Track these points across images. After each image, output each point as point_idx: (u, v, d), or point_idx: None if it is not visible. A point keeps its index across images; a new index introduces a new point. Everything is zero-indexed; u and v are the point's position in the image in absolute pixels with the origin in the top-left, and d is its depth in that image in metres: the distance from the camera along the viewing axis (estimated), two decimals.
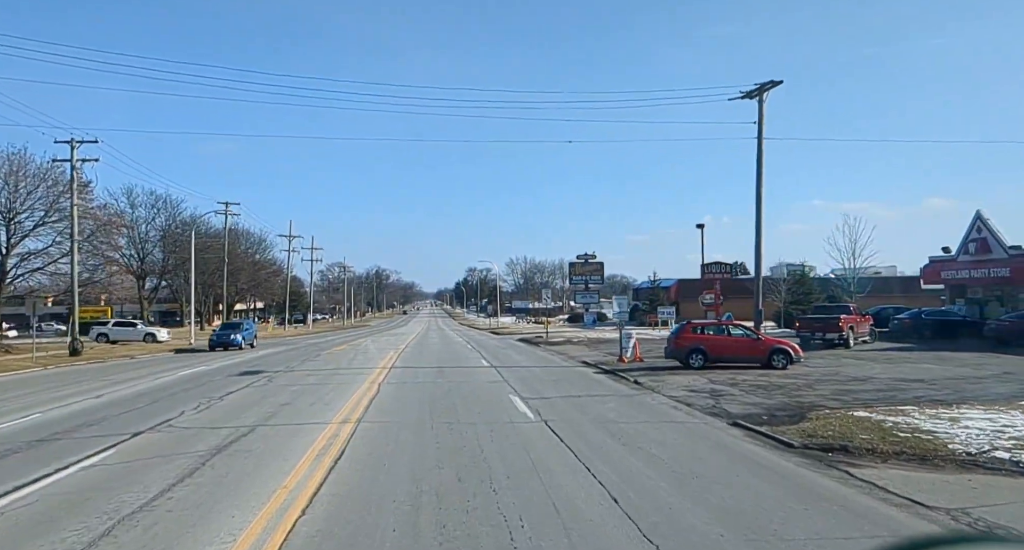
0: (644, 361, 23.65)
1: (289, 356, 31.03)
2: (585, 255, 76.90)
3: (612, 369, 21.64)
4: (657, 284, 56.97)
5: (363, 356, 29.80)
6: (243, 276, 78.73)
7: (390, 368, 23.45)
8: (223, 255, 70.28)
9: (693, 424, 12.34)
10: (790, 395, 15.37)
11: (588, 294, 76.51)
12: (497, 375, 20.98)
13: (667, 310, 44.09)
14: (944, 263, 33.34)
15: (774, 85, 23.37)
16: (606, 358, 26.04)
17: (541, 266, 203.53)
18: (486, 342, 43.18)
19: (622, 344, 23.48)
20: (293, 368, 24.34)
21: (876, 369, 19.96)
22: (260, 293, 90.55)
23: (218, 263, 72.32)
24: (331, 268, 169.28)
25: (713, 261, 46.38)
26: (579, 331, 55.46)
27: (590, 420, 12.67)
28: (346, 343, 42.93)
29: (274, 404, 15.05)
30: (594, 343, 36.18)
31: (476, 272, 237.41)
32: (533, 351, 33.04)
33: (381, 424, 12.31)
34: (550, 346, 35.50)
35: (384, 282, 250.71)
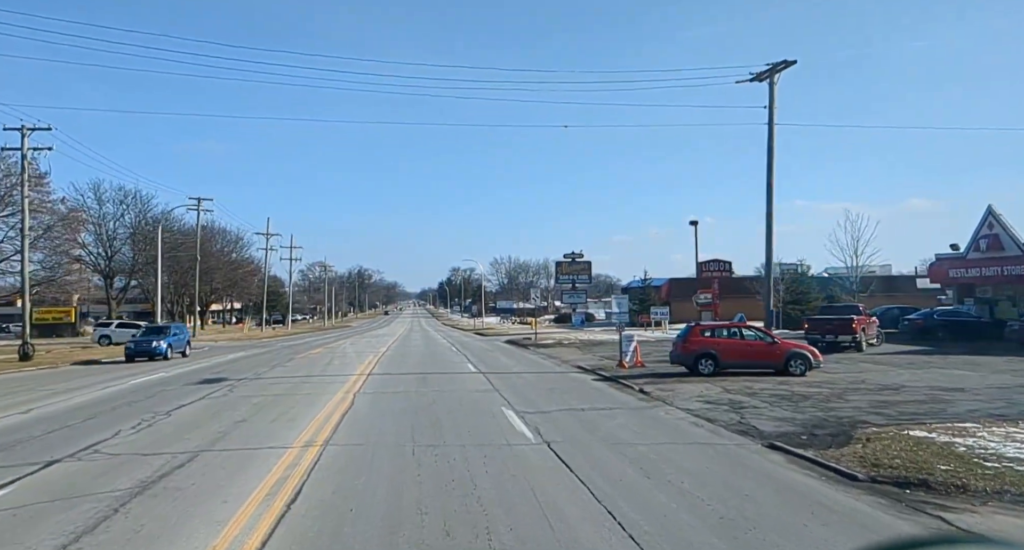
0: (646, 366, 21.78)
1: (260, 361, 28.78)
2: (572, 254, 75.09)
3: (612, 376, 19.73)
4: (648, 283, 55.37)
5: (340, 361, 27.65)
6: (218, 275, 75.96)
7: (368, 375, 21.35)
8: (196, 253, 67.62)
9: (722, 446, 10.43)
10: (822, 408, 13.53)
11: (575, 294, 74.65)
12: (486, 382, 18.99)
13: (661, 310, 42.37)
14: (952, 261, 31.84)
15: (787, 65, 21.51)
16: (603, 363, 24.14)
17: (526, 265, 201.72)
18: (472, 344, 41.17)
19: (622, 348, 21.58)
20: (261, 375, 22.16)
21: (904, 376, 18.23)
22: (236, 293, 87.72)
23: (191, 262, 69.62)
24: (312, 268, 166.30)
25: (711, 258, 44.70)
26: (568, 332, 53.60)
27: (600, 441, 10.72)
28: (323, 346, 40.69)
29: (229, 421, 12.93)
30: (587, 345, 34.28)
31: (460, 272, 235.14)
32: (523, 354, 31.06)
33: (352, 448, 10.28)
34: (540, 349, 33.55)
35: (367, 282, 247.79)
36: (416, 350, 34.99)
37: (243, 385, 19.00)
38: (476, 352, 32.64)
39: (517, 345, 37.71)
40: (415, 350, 35.00)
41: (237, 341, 53.97)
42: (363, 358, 28.56)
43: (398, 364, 25.68)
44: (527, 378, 20.26)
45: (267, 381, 20.07)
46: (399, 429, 11.87)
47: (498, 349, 35.57)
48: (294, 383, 19.44)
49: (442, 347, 37.66)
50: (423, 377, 20.62)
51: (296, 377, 21.15)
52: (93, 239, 60.14)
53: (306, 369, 24.03)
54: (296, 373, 22.53)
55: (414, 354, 31.60)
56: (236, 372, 23.22)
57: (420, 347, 38.34)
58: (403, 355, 30.68)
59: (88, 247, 59.61)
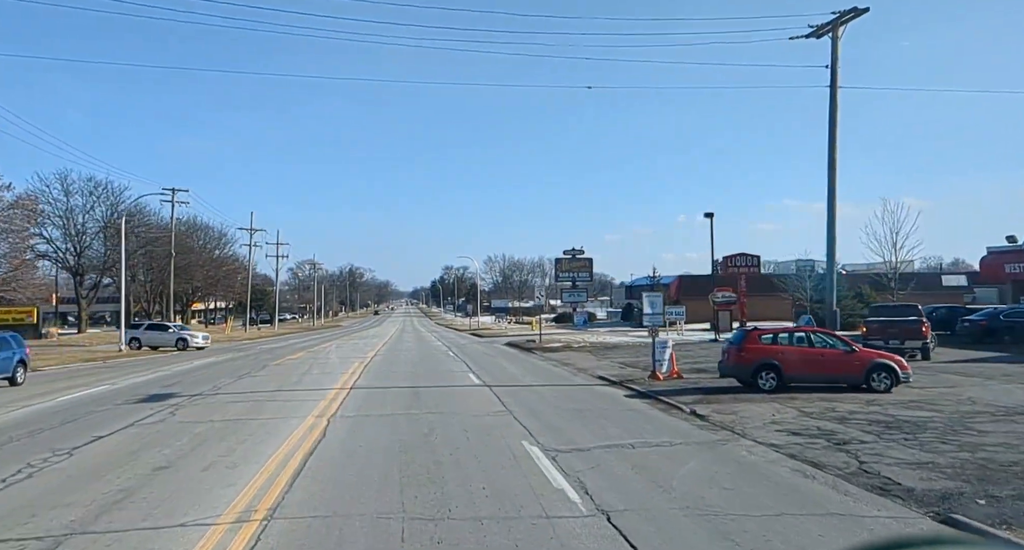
0: (685, 377, 18.26)
1: (228, 368, 25.06)
2: (572, 250, 71.55)
3: (648, 390, 16.18)
4: (657, 281, 51.83)
5: (319, 369, 23.98)
6: (199, 273, 72.03)
7: (350, 389, 17.71)
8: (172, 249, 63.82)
9: (872, 519, 6.89)
10: (956, 443, 10.03)
11: (576, 292, 71.13)
12: (495, 400, 15.40)
13: (676, 310, 38.83)
14: (1007, 255, 28.51)
15: (857, 14, 17.89)
16: (628, 372, 20.61)
17: (520, 264, 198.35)
18: (469, 347, 37.58)
19: (656, 355, 18.01)
20: (221, 388, 18.48)
21: (1018, 393, 14.75)
22: (219, 291, 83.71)
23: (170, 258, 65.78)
24: (301, 266, 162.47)
25: (737, 252, 41.10)
26: (573, 333, 50.08)
27: (683, 510, 7.13)
28: (306, 349, 36.99)
29: (146, 467, 9.28)
30: (599, 349, 30.73)
31: (453, 270, 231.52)
32: (530, 361, 27.45)
33: (307, 527, 6.66)
34: (548, 353, 30.00)
35: (358, 280, 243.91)
36: (408, 355, 31.37)
37: (193, 404, 15.31)
38: (476, 358, 29.03)
39: (521, 349, 34.10)
40: (407, 355, 31.39)
41: (218, 344, 50.17)
42: (347, 365, 24.88)
43: (387, 374, 22.05)
44: (544, 394, 16.67)
45: (225, 398, 16.40)
46: (383, 484, 8.24)
47: (500, 354, 31.98)
48: (257, 402, 15.77)
49: (437, 351, 34.05)
50: (416, 392, 17.00)
51: (262, 392, 17.47)
52: (61, 234, 56.14)
53: (278, 380, 20.35)
54: (264, 386, 18.84)
55: (406, 360, 27.94)
56: (194, 384, 19.54)
57: (413, 351, 34.74)
58: (393, 362, 27.00)
59: (55, 242, 55.66)
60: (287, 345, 43.37)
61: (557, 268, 78.18)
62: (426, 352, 33.36)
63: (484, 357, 29.48)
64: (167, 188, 51.49)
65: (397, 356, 30.30)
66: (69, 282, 60.95)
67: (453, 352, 32.97)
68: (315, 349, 37.18)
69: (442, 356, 30.34)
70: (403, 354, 31.64)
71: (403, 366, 24.92)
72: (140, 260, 65.40)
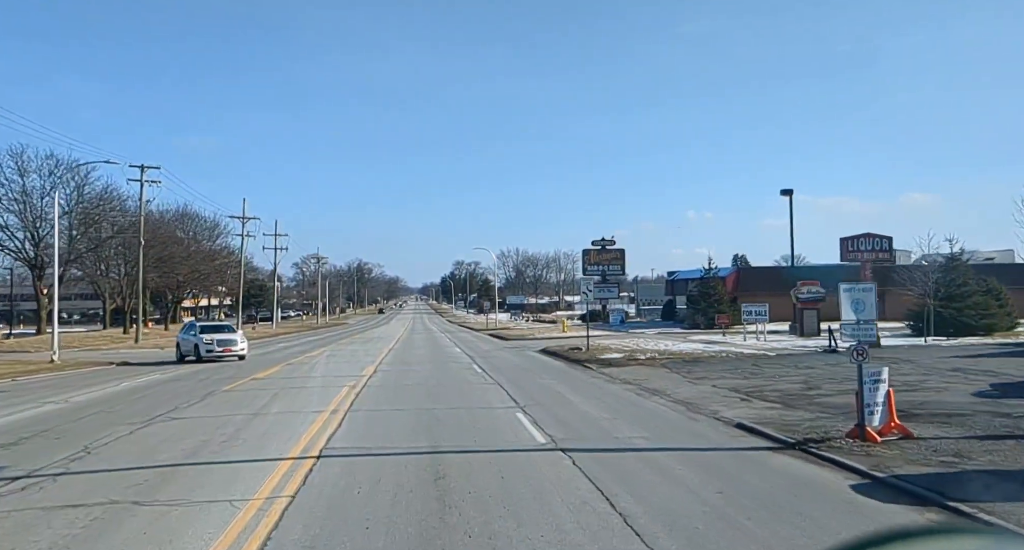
0: (916, 435, 10.19)
1: (148, 402, 17.01)
2: (602, 240, 63.18)
3: (891, 476, 8.12)
4: (713, 273, 43.63)
5: (284, 402, 15.86)
6: (185, 266, 64.45)
7: (315, 459, 9.64)
8: (144, 236, 56.25)
9: None
10: None
11: (606, 287, 62.87)
12: (599, 501, 7.36)
13: (757, 309, 30.70)
14: None
15: None
16: (777, 415, 12.54)
17: (534, 259, 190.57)
18: (498, 357, 29.54)
19: (866, 396, 9.88)
20: (92, 449, 10.55)
21: None
22: (209, 286, 76.09)
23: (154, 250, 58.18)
24: (306, 261, 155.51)
25: (862, 233, 32.76)
26: (612, 336, 42.01)
27: None
28: (285, 361, 28.96)
29: None
30: (677, 364, 22.51)
31: (464, 265, 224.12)
32: (594, 384, 19.08)
33: None
34: (608, 368, 21.83)
35: (366, 276, 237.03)
36: (420, 373, 23.47)
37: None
38: (515, 378, 20.88)
39: (567, 361, 25.95)
40: (418, 373, 23.50)
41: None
42: (329, 395, 16.82)
43: (386, 414, 14.10)
44: (683, 478, 8.48)
45: (53, 492, 8.44)
46: None
47: (544, 369, 23.87)
48: (111, 507, 7.74)
49: (458, 365, 26.00)
50: (437, 470, 8.93)
51: (151, 468, 9.46)
52: (17, 220, 48.56)
53: (205, 430, 12.33)
54: (169, 449, 10.78)
55: (416, 382, 19.92)
56: (61, 438, 11.65)
57: (425, 364, 26.82)
58: (398, 387, 18.98)
59: (10, 230, 48.14)
60: (267, 353, 35.59)
61: (585, 260, 69.94)
62: (443, 366, 25.30)
63: (525, 376, 21.39)
64: (135, 164, 43.74)
65: (405, 374, 22.31)
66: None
67: (479, 366, 24.90)
68: (298, 360, 29.30)
69: (467, 374, 22.31)
70: (413, 370, 23.60)
71: (412, 396, 16.87)
72: (118, 251, 57.94)
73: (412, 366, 25.55)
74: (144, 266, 57.07)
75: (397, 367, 24.61)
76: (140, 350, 39.43)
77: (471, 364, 25.75)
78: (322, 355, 31.74)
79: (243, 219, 65.73)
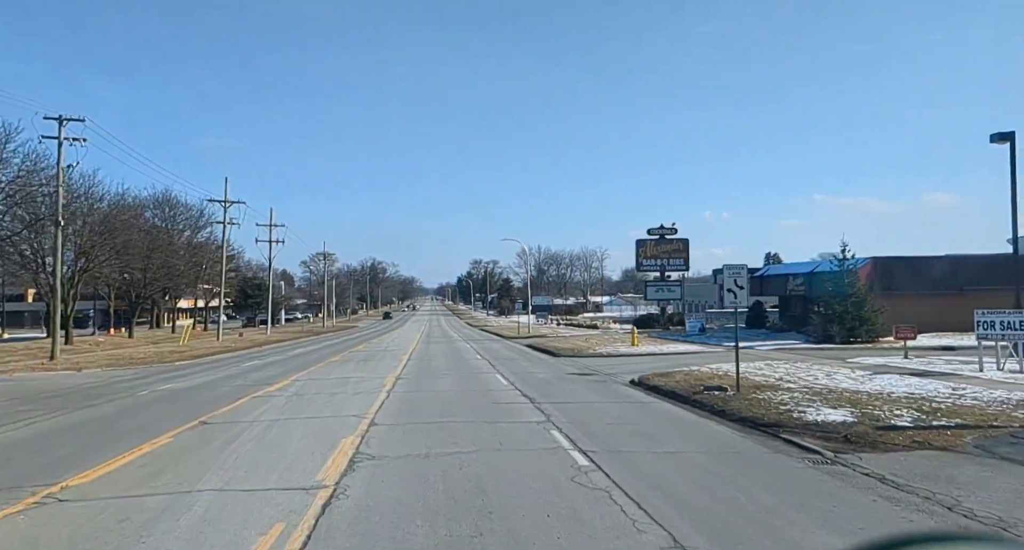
0: None
1: None
2: (660, 228, 50.62)
3: None
4: (851, 265, 31.36)
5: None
6: (156, 259, 53.30)
7: None
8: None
9: None
10: None
11: (665, 287, 50.54)
12: None
13: (1006, 317, 18.59)
14: None
15: None
16: None
17: (557, 257, 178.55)
18: (581, 399, 17.73)
19: None
20: None
21: None
22: (183, 284, 64.71)
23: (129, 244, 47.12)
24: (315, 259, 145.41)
25: None
26: (707, 351, 30.05)
27: None
28: (252, 393, 17.49)
29: None
30: (862, 404, 10.56)
31: (482, 264, 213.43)
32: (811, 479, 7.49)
33: None
34: (886, 460, 9.83)
35: (380, 276, 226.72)
36: (456, 417, 12.00)
37: None
38: (667, 482, 9.21)
39: (695, 406, 13.98)
40: (453, 414, 12.01)
41: (131, 365, 31.18)
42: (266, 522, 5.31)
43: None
44: None
45: None
46: None
47: (663, 419, 12.08)
48: None
49: (513, 418, 14.11)
50: None
51: None
52: None
53: None
54: None
55: (451, 483, 8.34)
56: None
57: (453, 399, 15.36)
58: (421, 458, 7.69)
59: None
60: (231, 376, 24.15)
61: (639, 254, 57.78)
62: (491, 423, 13.33)
63: (685, 468, 9.52)
64: (50, 117, 32.37)
65: (422, 426, 10.79)
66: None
67: (544, 411, 13.11)
68: (265, 393, 17.84)
69: (539, 437, 10.69)
70: (436, 432, 11.83)
71: (443, 507, 5.13)
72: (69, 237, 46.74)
73: (431, 405, 13.85)
74: (93, 257, 45.99)
75: (408, 418, 12.99)
76: (43, 375, 28.07)
77: (526, 402, 13.94)
78: (293, 385, 19.94)
79: (225, 203, 54.32)
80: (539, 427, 12.57)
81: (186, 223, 67.29)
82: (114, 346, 44.43)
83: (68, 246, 46.50)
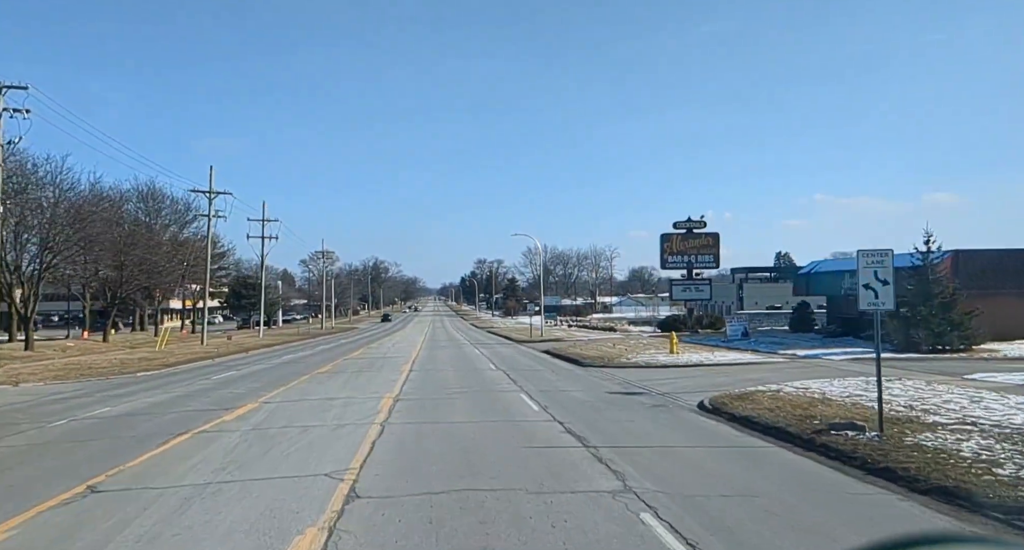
0: None
1: None
2: (688, 221, 45.24)
3: None
4: (931, 259, 26.35)
5: None
6: (132, 256, 48.55)
7: None
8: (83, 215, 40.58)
9: None
10: None
11: (694, 286, 45.78)
12: None
13: None
14: None
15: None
16: None
17: (564, 256, 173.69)
18: (634, 432, 12.92)
19: None
20: None
21: None
22: (161, 283, 59.94)
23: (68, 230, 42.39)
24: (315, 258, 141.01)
25: None
26: (774, 363, 25.16)
27: None
28: (190, 431, 12.59)
29: None
30: None
31: (486, 264, 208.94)
32: None
33: None
34: None
35: (383, 275, 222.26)
36: (479, 512, 7.34)
37: None
38: None
39: (886, 479, 9.13)
40: (471, 511, 7.36)
41: (84, 377, 26.51)
42: None
43: None
44: None
45: None
46: None
47: (877, 519, 7.43)
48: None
49: (562, 459, 9.51)
50: None
51: None
52: None
53: None
54: None
55: None
56: None
57: (476, 449, 10.66)
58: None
59: None
60: (166, 404, 19.45)
61: (664, 249, 52.70)
62: (537, 494, 8.56)
63: None
64: None
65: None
66: None
67: (640, 496, 8.39)
68: (211, 428, 13.02)
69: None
70: (455, 518, 7.16)
71: None
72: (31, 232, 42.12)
73: (451, 529, 8.98)
74: (60, 252, 41.27)
75: (408, 541, 8.18)
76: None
77: (594, 458, 9.17)
78: (235, 433, 14.15)
79: (210, 194, 49.51)
80: (618, 506, 7.77)
81: (171, 217, 62.64)
82: (81, 352, 39.74)
83: (33, 240, 41.90)
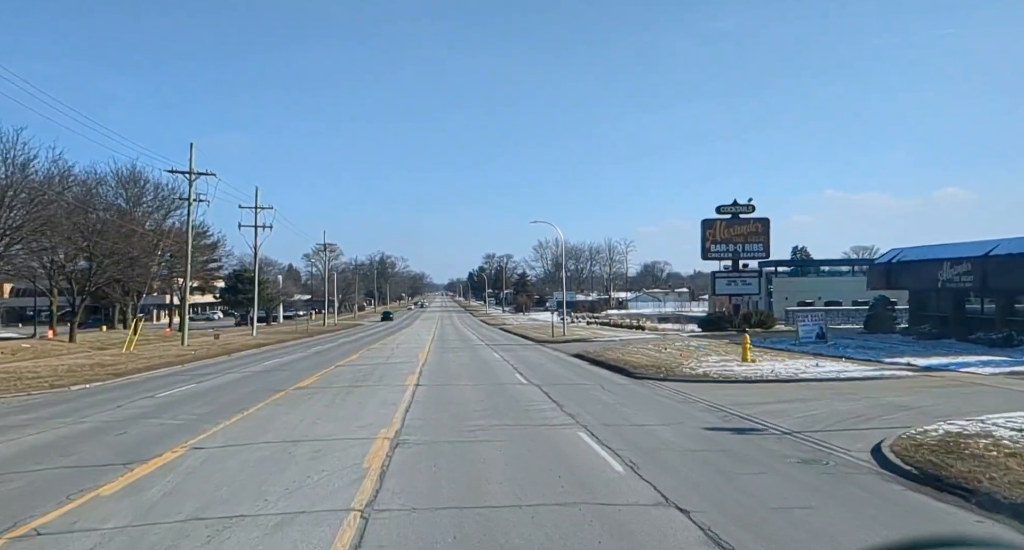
0: None
1: None
2: (734, 205, 35.83)
3: None
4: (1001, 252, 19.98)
5: None
6: (102, 245, 42.99)
7: None
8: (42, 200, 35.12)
9: None
10: None
11: (740, 279, 38.65)
12: None
13: None
14: None
15: None
16: None
17: (576, 250, 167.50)
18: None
19: None
20: None
21: None
22: (137, 275, 54.24)
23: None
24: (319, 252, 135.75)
25: None
26: (855, 370, 18.95)
27: None
28: (35, 519, 6.72)
29: None
30: None
31: (495, 259, 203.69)
32: None
33: None
34: None
35: (389, 271, 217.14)
36: None
37: None
38: None
39: None
40: None
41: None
42: None
43: None
44: None
45: None
46: None
47: None
48: None
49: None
50: None
51: None
52: None
53: None
54: None
55: None
56: None
57: None
58: None
59: None
60: (52, 448, 13.72)
61: (706, 237, 46.47)
62: None
63: None
64: None
65: None
66: None
67: None
68: (73, 507, 7.37)
69: None
70: None
71: None
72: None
73: None
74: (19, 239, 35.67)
75: None
76: None
77: None
78: (102, 530, 8.65)
79: (190, 175, 43.69)
80: None
81: (154, 204, 57.13)
82: (35, 354, 34.19)
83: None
